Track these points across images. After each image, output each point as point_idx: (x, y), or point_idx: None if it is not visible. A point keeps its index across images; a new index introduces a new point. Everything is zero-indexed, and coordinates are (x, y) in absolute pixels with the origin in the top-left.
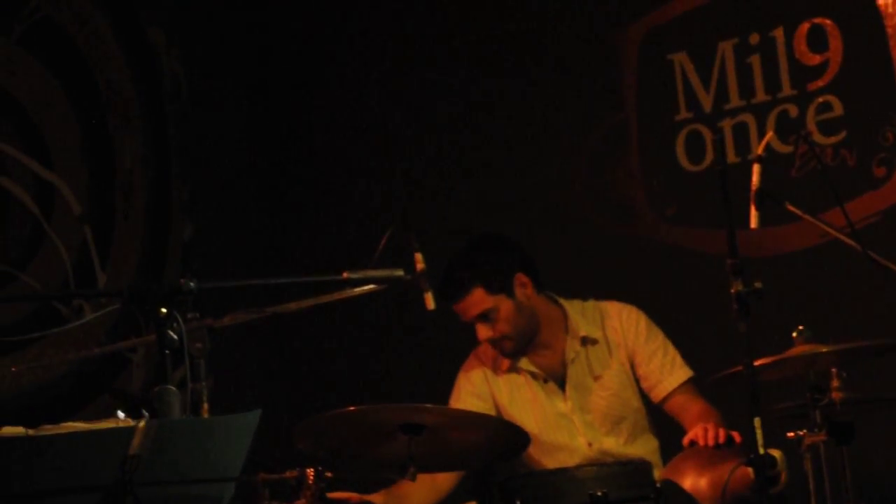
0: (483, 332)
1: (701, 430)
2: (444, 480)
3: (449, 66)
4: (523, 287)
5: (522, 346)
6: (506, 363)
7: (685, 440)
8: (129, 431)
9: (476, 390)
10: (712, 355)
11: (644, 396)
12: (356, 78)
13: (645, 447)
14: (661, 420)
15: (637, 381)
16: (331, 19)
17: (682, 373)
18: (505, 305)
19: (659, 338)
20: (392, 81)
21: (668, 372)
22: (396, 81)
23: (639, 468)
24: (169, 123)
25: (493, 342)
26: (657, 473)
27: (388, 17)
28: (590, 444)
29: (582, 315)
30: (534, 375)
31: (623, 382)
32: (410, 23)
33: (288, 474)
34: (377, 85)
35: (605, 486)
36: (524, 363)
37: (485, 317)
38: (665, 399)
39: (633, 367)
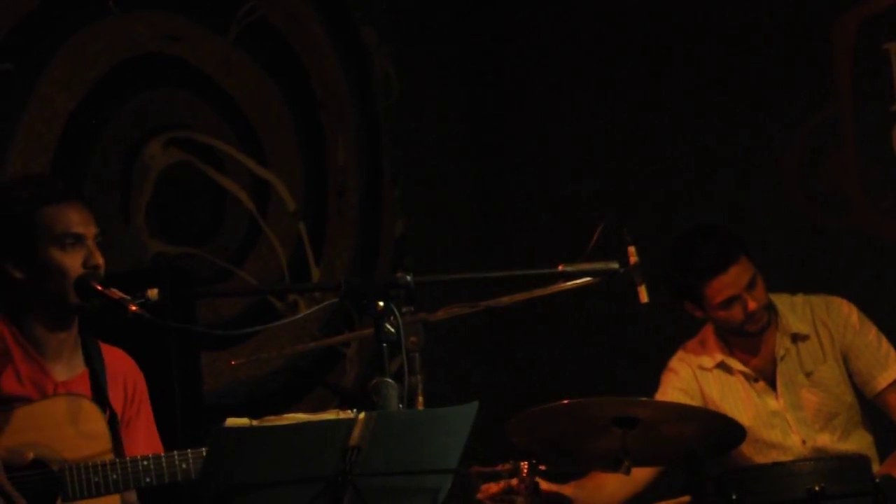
0: (752, 302)
1: None
2: (642, 474)
3: (661, 60)
4: None
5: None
6: (714, 361)
7: None
8: (350, 423)
9: (684, 386)
10: None
11: (857, 391)
12: (569, 72)
13: (859, 443)
14: (875, 415)
15: (850, 375)
16: (545, 14)
17: None
18: (759, 276)
19: (872, 332)
20: (605, 76)
21: (882, 366)
22: (610, 76)
23: (857, 463)
24: (381, 121)
25: (755, 314)
26: (875, 468)
27: (601, 13)
28: (804, 442)
29: (792, 310)
30: (745, 375)
31: (836, 378)
32: (622, 19)
33: (501, 467)
34: (590, 79)
35: (822, 481)
36: (734, 362)
37: (752, 284)
38: (880, 394)
39: (846, 361)
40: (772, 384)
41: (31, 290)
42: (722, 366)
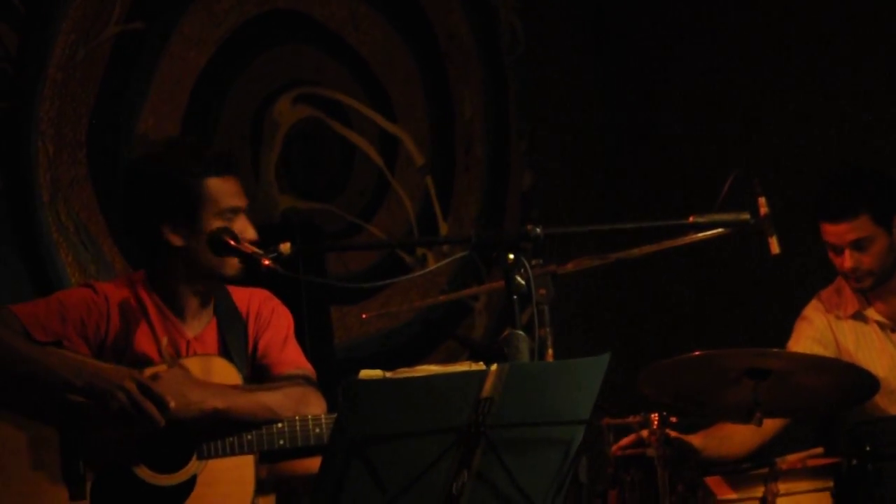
0: (849, 260)
1: None
2: (770, 424)
3: (794, 7)
4: None
5: (876, 286)
6: (850, 310)
7: None
8: (483, 374)
9: (818, 335)
10: None
11: None
12: (700, 20)
13: None
14: None
15: None
16: None
17: None
18: (881, 240)
19: None
20: (738, 22)
21: None
22: (741, 22)
23: None
24: (507, 74)
25: (852, 273)
26: None
27: None
28: None
29: None
30: (881, 325)
31: None
32: None
33: (632, 419)
34: (723, 26)
35: None
36: (871, 312)
37: (858, 244)
38: None
39: None
40: None
41: (187, 258)
42: (858, 315)
